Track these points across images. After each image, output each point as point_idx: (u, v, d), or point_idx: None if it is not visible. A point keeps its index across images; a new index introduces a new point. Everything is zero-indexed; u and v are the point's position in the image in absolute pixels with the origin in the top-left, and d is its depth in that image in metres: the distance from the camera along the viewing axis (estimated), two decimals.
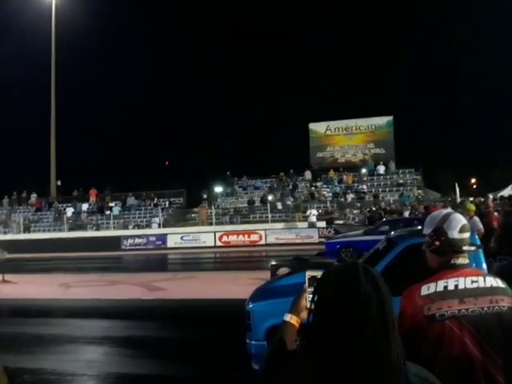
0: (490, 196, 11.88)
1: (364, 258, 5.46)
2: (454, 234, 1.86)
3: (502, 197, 14.58)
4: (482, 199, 12.99)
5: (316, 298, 1.28)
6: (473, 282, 1.78)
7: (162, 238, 24.96)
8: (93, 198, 31.19)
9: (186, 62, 59.42)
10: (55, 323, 8.27)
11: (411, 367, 1.23)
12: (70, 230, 28.17)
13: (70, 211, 29.60)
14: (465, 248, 1.88)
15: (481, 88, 50.09)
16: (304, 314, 1.49)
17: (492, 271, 4.68)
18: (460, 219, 1.91)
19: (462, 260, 1.86)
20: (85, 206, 30.09)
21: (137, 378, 5.30)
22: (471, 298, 1.74)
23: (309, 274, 1.53)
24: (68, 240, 25.33)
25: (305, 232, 22.82)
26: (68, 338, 6.98)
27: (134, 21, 54.88)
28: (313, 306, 1.35)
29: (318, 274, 1.49)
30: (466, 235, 1.89)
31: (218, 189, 32.30)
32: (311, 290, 1.48)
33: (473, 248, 1.96)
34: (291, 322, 1.49)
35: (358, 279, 1.20)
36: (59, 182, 34.52)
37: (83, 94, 48.54)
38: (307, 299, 1.49)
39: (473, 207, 10.07)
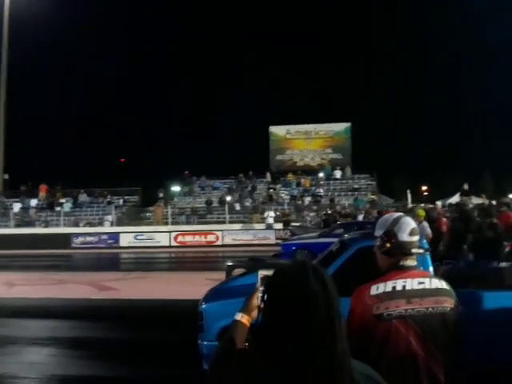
0: (439, 203, 12.43)
1: (318, 259, 5.54)
2: (404, 236, 1.92)
3: (450, 204, 15.24)
4: (432, 206, 13.54)
5: (265, 297, 1.29)
6: (419, 283, 1.85)
7: (115, 236, 24.29)
8: (42, 194, 29.89)
9: (144, 56, 58.32)
10: None
11: (356, 365, 1.26)
12: (17, 226, 26.87)
13: (17, 206, 28.24)
14: (413, 250, 1.94)
15: (436, 98, 52.38)
16: (255, 313, 1.49)
17: (438, 274, 4.87)
18: (410, 223, 1.98)
19: (411, 262, 1.92)
20: (34, 202, 28.79)
21: (83, 379, 5.11)
22: (417, 298, 1.81)
23: (261, 273, 1.52)
24: (14, 236, 24.16)
25: (262, 233, 22.94)
26: (10, 339, 6.64)
27: (83, 22, 53.31)
28: (262, 305, 1.36)
29: (271, 273, 1.49)
30: (415, 238, 1.96)
31: (176, 188, 31.87)
32: (263, 288, 1.47)
33: (421, 251, 2.05)
34: (242, 320, 1.48)
35: (306, 277, 1.22)
36: (6, 176, 32.89)
37: (35, 86, 46.57)
38: (259, 298, 1.48)
39: (422, 213, 10.47)
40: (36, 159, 41.75)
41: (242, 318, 1.49)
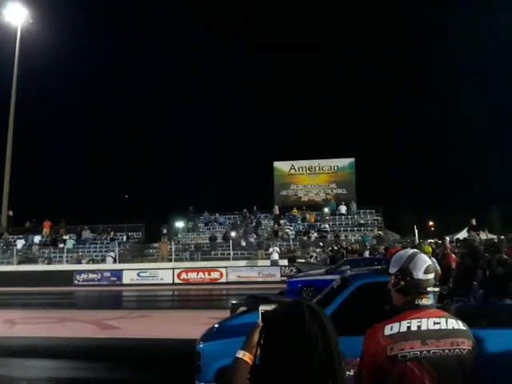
0: (447, 238, 12.26)
1: (319, 296, 5.45)
2: (420, 274, 1.88)
3: (457, 239, 15.07)
4: (440, 241, 13.37)
5: (263, 339, 1.28)
6: (435, 323, 1.80)
7: (118, 273, 24.04)
8: (46, 230, 29.90)
9: (150, 90, 59.61)
10: None
11: None
12: (20, 263, 26.71)
13: (20, 243, 28.19)
14: (429, 289, 1.90)
15: (440, 133, 52.92)
16: (257, 351, 1.44)
17: (450, 313, 4.76)
18: (425, 260, 1.94)
19: (426, 301, 1.88)
20: (37, 238, 28.76)
21: None
22: (433, 339, 1.75)
23: (262, 308, 1.48)
24: (17, 274, 23.95)
25: (267, 270, 22.64)
26: (9, 380, 6.50)
27: (97, 51, 55.08)
28: (260, 346, 1.37)
29: (271, 308, 1.49)
30: (431, 276, 1.92)
31: (179, 224, 31.79)
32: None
33: (437, 289, 2.01)
34: (244, 358, 1.42)
35: (302, 319, 1.22)
36: (11, 213, 33.05)
37: (39, 125, 47.46)
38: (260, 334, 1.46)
39: (429, 248, 10.34)
40: (40, 196, 42.04)
41: (244, 356, 1.42)
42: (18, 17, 33.97)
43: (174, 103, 56.46)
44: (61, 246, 27.80)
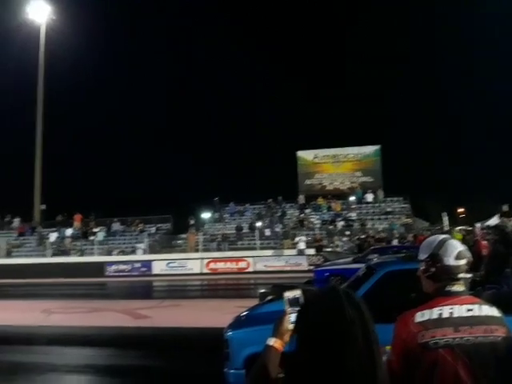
0: (478, 225, 12.01)
1: (345, 285, 5.46)
2: (450, 260, 1.85)
3: (488, 226, 14.71)
4: (470, 228, 13.11)
5: (299, 326, 1.28)
6: (468, 310, 1.76)
7: (147, 264, 24.58)
8: (77, 223, 30.74)
9: (174, 84, 60.05)
10: (36, 351, 7.99)
11: None
12: (53, 255, 27.62)
13: (53, 236, 29.10)
14: (461, 275, 1.86)
15: (469, 117, 51.40)
16: (287, 337, 1.47)
17: (483, 300, 4.71)
18: (457, 245, 1.90)
19: (458, 287, 1.84)
20: (69, 231, 29.62)
21: None
22: (466, 326, 1.72)
23: (287, 294, 1.51)
24: (51, 265, 24.77)
25: (293, 259, 22.71)
26: (50, 367, 6.75)
27: (125, 47, 55.69)
28: (293, 327, 1.38)
29: (297, 293, 1.51)
30: (463, 262, 1.87)
31: (206, 215, 32.14)
32: (291, 309, 1.48)
33: (469, 275, 1.94)
34: (275, 345, 1.45)
35: (341, 304, 1.21)
36: (43, 207, 34.09)
37: (71, 117, 48.53)
38: (289, 321, 1.47)
39: (459, 236, 10.17)
40: (71, 190, 43.12)
41: (275, 343, 1.45)
42: (42, 14, 34.66)
43: (199, 93, 56.59)
44: (91, 238, 28.56)
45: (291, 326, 1.45)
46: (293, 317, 1.46)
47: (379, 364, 1.18)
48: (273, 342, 1.45)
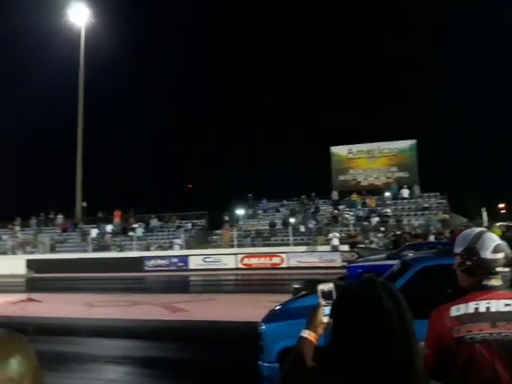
0: None
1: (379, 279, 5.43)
2: (487, 254, 1.80)
3: None
4: (510, 224, 12.67)
5: (336, 317, 1.28)
6: (506, 305, 1.72)
7: (184, 259, 25.05)
8: (117, 220, 31.66)
9: (211, 84, 60.62)
10: (78, 342, 8.35)
11: None
12: (94, 250, 28.57)
13: (94, 232, 30.09)
14: (498, 269, 1.81)
15: (506, 110, 49.29)
16: (321, 329, 1.48)
17: None
18: (494, 239, 1.85)
19: (495, 282, 1.79)
20: (109, 228, 30.56)
21: None
22: (504, 321, 1.68)
23: (320, 287, 1.53)
24: (92, 260, 25.64)
25: (327, 255, 22.56)
26: (90, 357, 7.04)
27: (163, 44, 56.62)
28: (327, 320, 1.39)
29: (330, 286, 1.53)
30: (500, 256, 1.82)
31: (240, 211, 32.38)
32: (325, 302, 1.50)
33: (507, 269, 1.88)
34: (309, 338, 1.47)
35: (378, 294, 1.20)
36: (85, 204, 35.28)
37: (110, 117, 49.91)
38: (322, 313, 1.49)
39: (498, 231, 9.86)
40: (111, 187, 44.45)
41: (309, 335, 1.46)
42: (82, 17, 35.72)
43: (237, 85, 56.83)
44: (131, 234, 29.32)
45: (325, 319, 1.47)
46: (326, 310, 1.47)
47: (417, 356, 1.16)
48: (307, 334, 1.47)
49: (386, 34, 56.32)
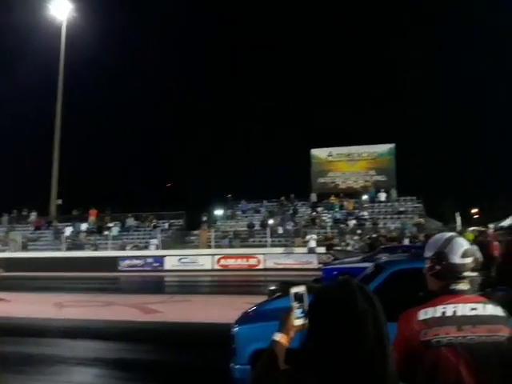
0: (491, 226, 11.86)
1: None
2: (456, 258, 1.82)
3: (501, 227, 14.53)
4: (483, 229, 12.96)
5: (311, 318, 1.28)
6: (472, 309, 1.74)
7: (160, 259, 24.80)
8: (92, 218, 31.15)
9: (193, 84, 60.27)
10: (47, 343, 8.12)
11: None
12: (68, 249, 28.04)
13: (68, 230, 29.54)
14: (466, 274, 1.83)
15: (484, 117, 50.64)
16: (292, 333, 1.47)
17: (492, 300, 4.67)
18: (463, 244, 1.87)
19: (463, 286, 1.81)
20: (84, 226, 30.03)
21: None
22: (469, 325, 1.70)
23: (293, 290, 1.52)
24: (65, 259, 25.18)
25: (304, 257, 22.68)
26: (60, 359, 6.85)
27: (145, 41, 56.06)
28: (298, 322, 1.40)
29: (301, 289, 1.52)
30: (468, 260, 1.85)
31: (218, 212, 32.27)
32: (297, 305, 1.49)
33: (474, 274, 1.92)
34: (281, 341, 1.46)
35: (353, 297, 1.22)
36: (60, 202, 34.60)
37: (88, 113, 49.19)
38: (295, 316, 1.48)
39: (471, 236, 10.07)
40: (87, 185, 43.72)
41: (282, 339, 1.45)
42: (63, 11, 35.10)
43: (214, 88, 56.67)
44: (106, 233, 28.91)
45: (297, 322, 1.47)
46: (298, 312, 1.48)
47: (389, 357, 1.18)
48: (279, 337, 1.46)
49: (372, 41, 57.12)
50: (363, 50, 58.53)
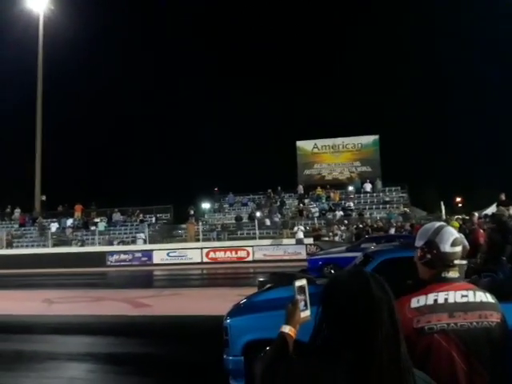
0: (475, 214, 12.06)
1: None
2: (446, 247, 1.86)
3: (486, 215, 14.79)
4: (467, 217, 13.18)
5: (326, 305, 1.31)
6: (463, 296, 1.78)
7: (148, 254, 24.71)
8: (78, 214, 30.83)
9: (173, 75, 59.74)
10: (37, 339, 8.06)
11: (416, 371, 1.28)
12: (54, 245, 27.74)
13: (54, 227, 29.21)
14: (456, 262, 1.87)
15: (467, 107, 51.23)
16: (298, 326, 1.52)
17: (479, 287, 4.79)
18: (452, 232, 1.91)
19: (453, 274, 1.85)
20: (69, 222, 29.72)
21: None
22: (461, 312, 1.74)
23: (297, 284, 1.57)
24: (52, 256, 24.90)
25: (292, 248, 22.83)
26: (50, 355, 6.81)
27: (123, 34, 55.20)
28: (303, 315, 1.42)
29: (303, 282, 1.58)
30: (458, 249, 1.89)
31: (206, 205, 32.21)
32: (302, 298, 1.55)
33: (464, 262, 1.96)
34: (289, 333, 1.49)
35: (368, 284, 1.26)
36: (44, 197, 34.13)
37: (70, 107, 48.32)
38: (300, 309, 1.54)
39: (456, 224, 10.24)
40: (71, 180, 43.16)
41: (290, 331, 1.49)
42: (40, 3, 34.42)
43: (198, 82, 56.23)
44: (92, 228, 28.66)
45: (303, 314, 1.52)
46: (301, 305, 1.54)
47: (403, 341, 1.22)
48: (288, 329, 1.49)
49: (354, 32, 57.14)
50: (346, 41, 58.59)
